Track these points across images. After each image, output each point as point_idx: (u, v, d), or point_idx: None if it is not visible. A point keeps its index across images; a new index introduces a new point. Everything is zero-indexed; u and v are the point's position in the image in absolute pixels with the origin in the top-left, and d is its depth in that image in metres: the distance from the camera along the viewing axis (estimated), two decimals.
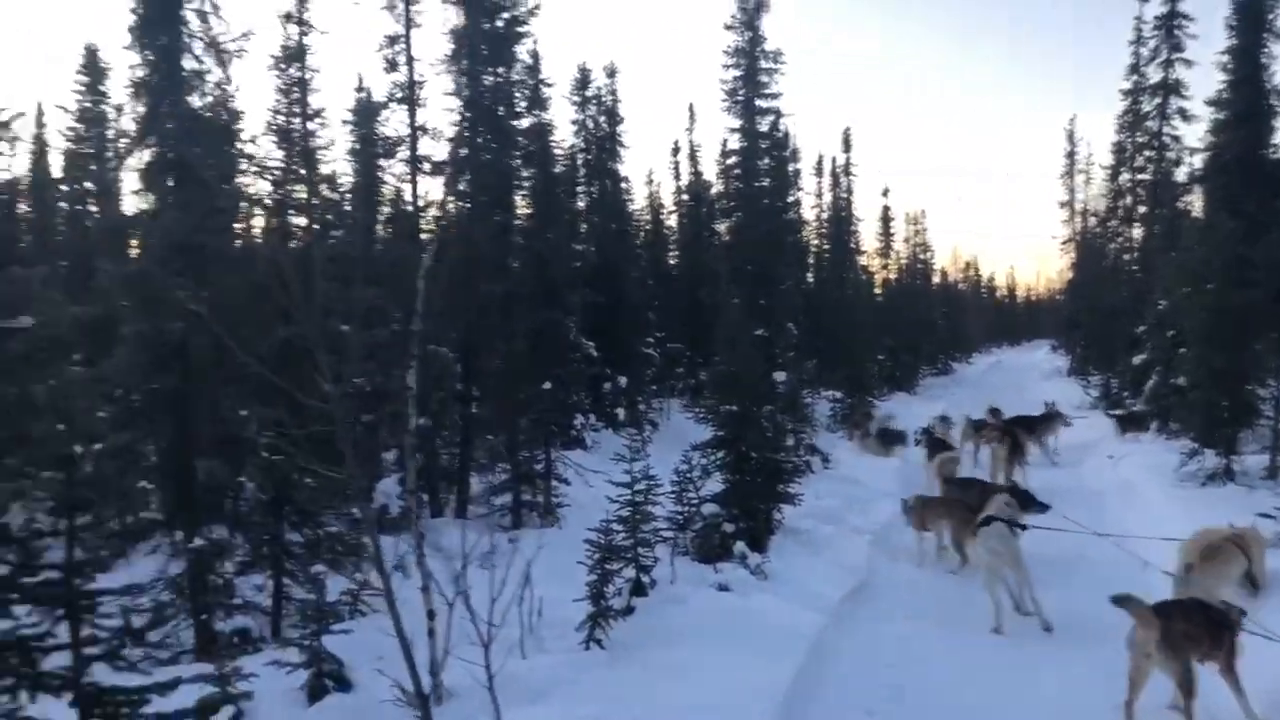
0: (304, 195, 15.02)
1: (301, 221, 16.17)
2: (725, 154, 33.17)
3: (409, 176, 18.02)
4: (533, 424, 18.35)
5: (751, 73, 27.01)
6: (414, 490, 9.68)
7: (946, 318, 62.38)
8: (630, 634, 10.55)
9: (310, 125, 17.50)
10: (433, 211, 19.44)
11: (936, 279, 69.96)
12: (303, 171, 17.87)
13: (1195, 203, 29.69)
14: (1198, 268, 20.78)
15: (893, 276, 55.17)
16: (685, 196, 38.64)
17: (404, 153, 18.09)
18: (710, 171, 38.15)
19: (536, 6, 17.96)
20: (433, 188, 19.09)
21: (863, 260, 49.96)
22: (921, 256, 61.84)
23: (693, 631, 10.59)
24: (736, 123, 28.16)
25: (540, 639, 10.52)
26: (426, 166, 17.84)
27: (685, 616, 11.02)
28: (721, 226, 35.94)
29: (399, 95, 17.72)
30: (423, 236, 18.19)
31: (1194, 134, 36.06)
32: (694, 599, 11.56)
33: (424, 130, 17.84)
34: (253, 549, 12.64)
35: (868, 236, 51.22)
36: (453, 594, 8.04)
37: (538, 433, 18.30)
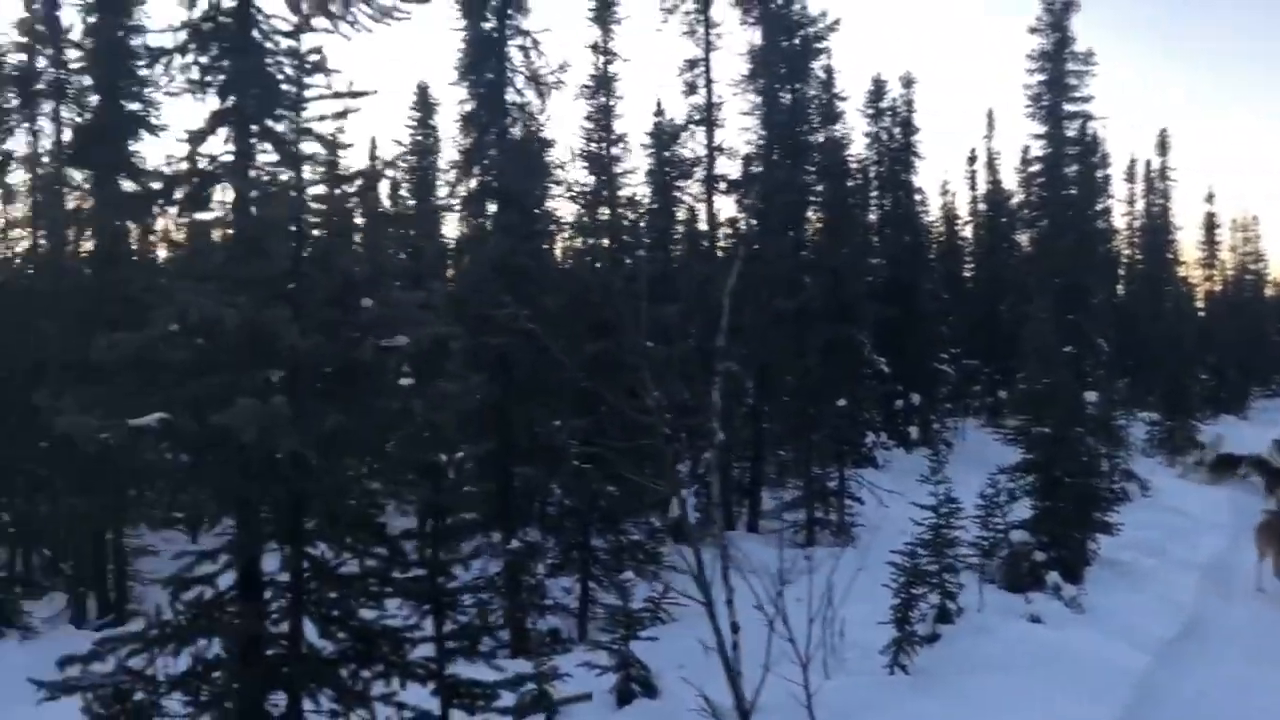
0: (609, 217, 15.67)
1: (605, 242, 16.85)
2: (1027, 161, 31.61)
3: (705, 196, 18.43)
4: (825, 441, 18.21)
5: (1057, 76, 25.57)
6: (719, 503, 9.84)
7: None
8: (935, 661, 10.24)
9: (613, 150, 18.25)
10: (725, 229, 19.81)
11: (1270, 290, 63.14)
12: (607, 194, 18.69)
13: None
14: None
15: (1217, 289, 50.39)
16: (982, 206, 37.21)
17: (701, 172, 18.52)
18: (1010, 180, 36.54)
19: (836, 22, 17.92)
20: (727, 206, 19.43)
21: (1181, 271, 46.03)
22: (1252, 266, 56.02)
23: (1002, 663, 10.13)
24: (1040, 129, 26.74)
25: (842, 659, 10.39)
26: (723, 185, 18.17)
27: (994, 647, 10.56)
28: (1022, 237, 34.27)
29: (697, 117, 18.16)
30: (718, 254, 18.53)
31: None
32: (1003, 629, 11.06)
33: (720, 150, 18.21)
34: (562, 553, 13.33)
35: (1187, 246, 47.08)
36: (757, 607, 8.10)
37: (830, 450, 18.14)
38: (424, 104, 24.84)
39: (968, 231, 37.72)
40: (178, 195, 5.28)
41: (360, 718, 4.93)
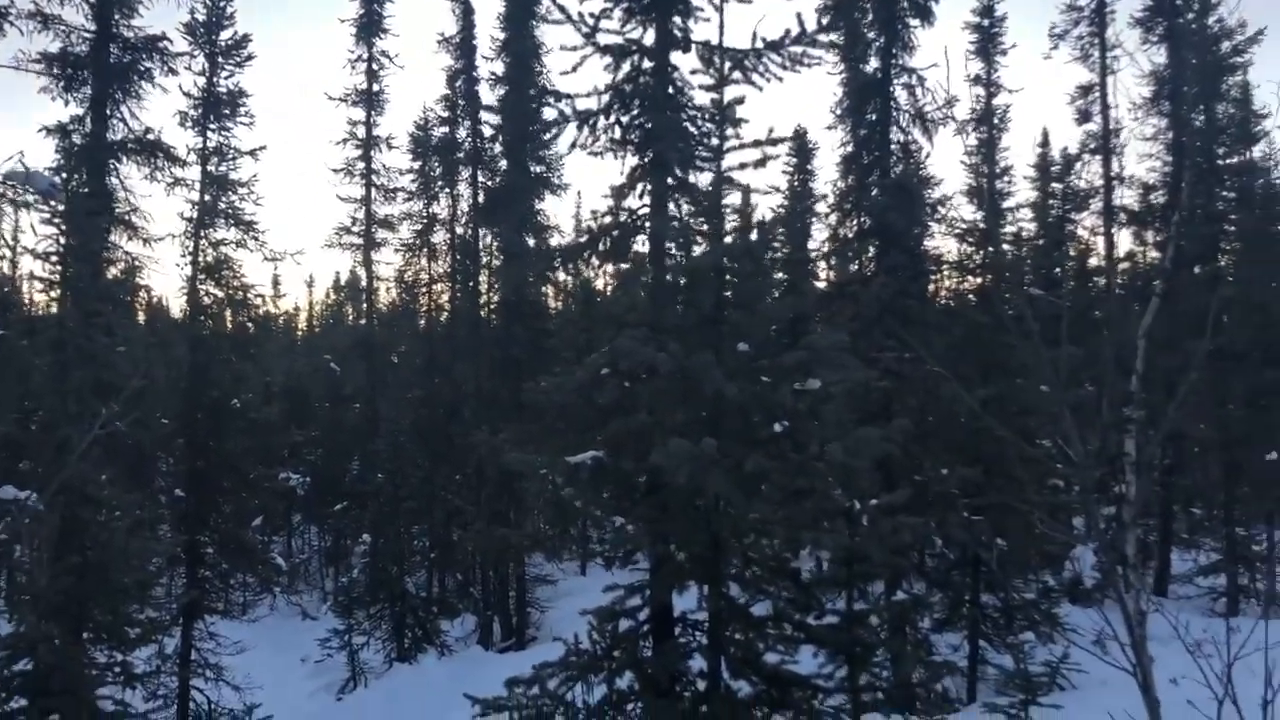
0: (994, 253, 14.97)
1: (988, 279, 16.12)
2: None
3: (1103, 228, 17.14)
4: (1250, 496, 16.18)
5: None
6: (1133, 564, 8.99)
7: None
8: None
9: (998, 183, 17.49)
10: (1124, 264, 18.31)
11: None
12: (990, 229, 17.91)
13: None
14: None
15: None
16: None
17: (1097, 204, 17.27)
18: None
19: (1260, 32, 16.12)
20: (1124, 238, 17.98)
21: None
22: None
23: None
24: None
25: None
26: (1123, 217, 16.82)
27: None
28: None
29: (1093, 145, 16.99)
30: (1117, 290, 17.15)
31: None
32: None
33: (1120, 179, 16.88)
34: (949, 607, 12.71)
35: None
36: (1172, 682, 7.23)
37: (1260, 508, 16.09)
38: (801, 149, 25.14)
39: None
40: (602, 247, 5.61)
41: None
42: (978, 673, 12.58)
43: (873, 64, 13.77)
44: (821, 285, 19.77)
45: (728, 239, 5.32)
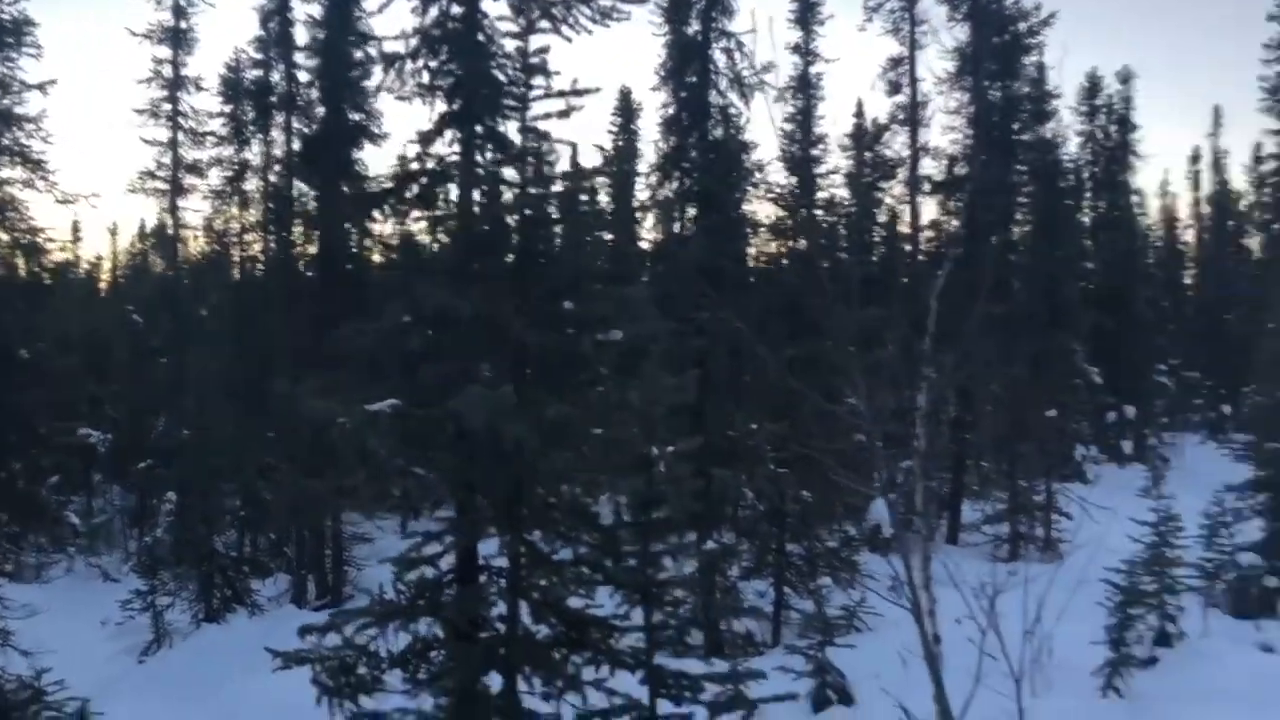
0: (807, 218, 15.56)
1: (803, 244, 16.74)
2: (1259, 159, 29.42)
3: (908, 197, 18.00)
4: (1031, 452, 17.47)
5: None
6: (924, 512, 9.58)
7: None
8: (1153, 687, 9.65)
9: (813, 151, 18.09)
10: (928, 232, 19.30)
11: None
12: (804, 195, 18.55)
13: None
14: None
15: None
16: (1206, 209, 34.86)
17: (904, 174, 18.11)
18: (1239, 180, 34.10)
19: (1051, 15, 17.17)
20: (929, 207, 18.93)
21: None
22: None
23: (1228, 694, 9.45)
24: (1276, 124, 24.86)
25: (1050, 679, 9.94)
26: (927, 187, 17.71)
27: (1219, 676, 9.86)
28: (1253, 241, 31.97)
29: (901, 117, 17.78)
30: (921, 257, 18.08)
31: None
32: (1229, 657, 10.32)
33: (925, 150, 17.76)
34: (756, 557, 13.29)
35: None
36: (958, 621, 7.83)
37: (1036, 462, 17.39)
38: (625, 109, 25.29)
39: (1189, 236, 35.46)
40: (408, 194, 5.56)
41: (571, 702, 5.07)
42: (781, 617, 13.22)
43: (694, 26, 13.96)
44: (644, 244, 19.99)
45: (535, 189, 5.37)
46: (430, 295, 4.74)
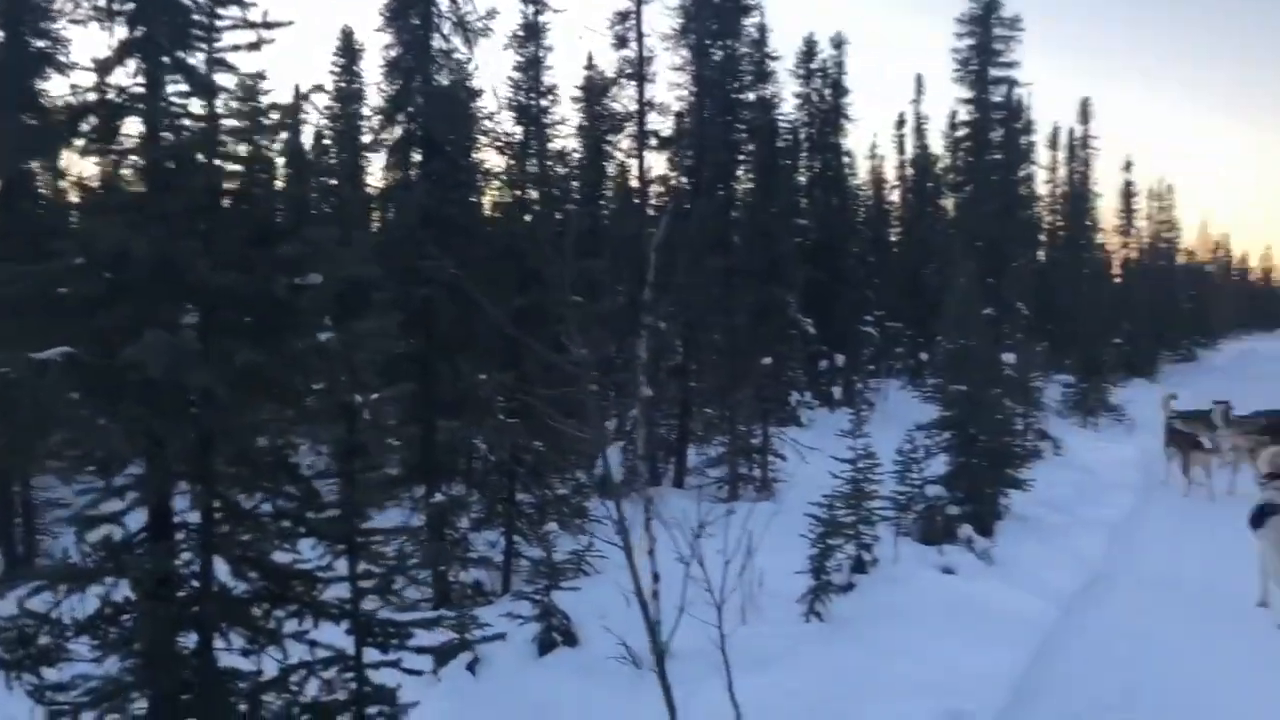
0: (537, 169, 15.56)
1: (534, 195, 16.73)
2: (954, 126, 32.06)
3: (636, 151, 18.35)
4: (750, 399, 18.43)
5: (985, 41, 25.95)
6: (645, 456, 9.94)
7: (1192, 300, 58.19)
8: (850, 610, 10.49)
9: (543, 102, 18.06)
10: (657, 186, 19.76)
11: (1181, 259, 65.24)
12: (536, 146, 18.52)
13: None
14: None
15: (1133, 256, 51.85)
16: (909, 171, 37.64)
17: (631, 128, 18.44)
18: (937, 145, 36.99)
19: None
20: (658, 162, 19.38)
21: (1100, 238, 47.23)
22: (1165, 235, 57.83)
23: (915, 612, 10.43)
24: (968, 93, 27.19)
25: (760, 608, 10.61)
26: (653, 141, 18.12)
27: (906, 596, 10.86)
28: (948, 202, 34.86)
29: (628, 71, 18.04)
30: (649, 211, 18.52)
31: None
32: (916, 580, 11.37)
33: (651, 105, 18.11)
34: (487, 507, 13.34)
35: (1106, 213, 48.35)
36: (678, 559, 8.21)
37: (755, 408, 18.37)
38: (348, 49, 24.32)
39: (895, 196, 38.16)
40: (84, 128, 5.11)
41: (273, 656, 4.92)
42: (511, 565, 13.36)
43: None
44: (370, 190, 19.34)
45: (228, 124, 5.06)
46: (103, 234, 4.39)
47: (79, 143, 5.22)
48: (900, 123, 37.61)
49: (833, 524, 10.65)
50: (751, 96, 20.49)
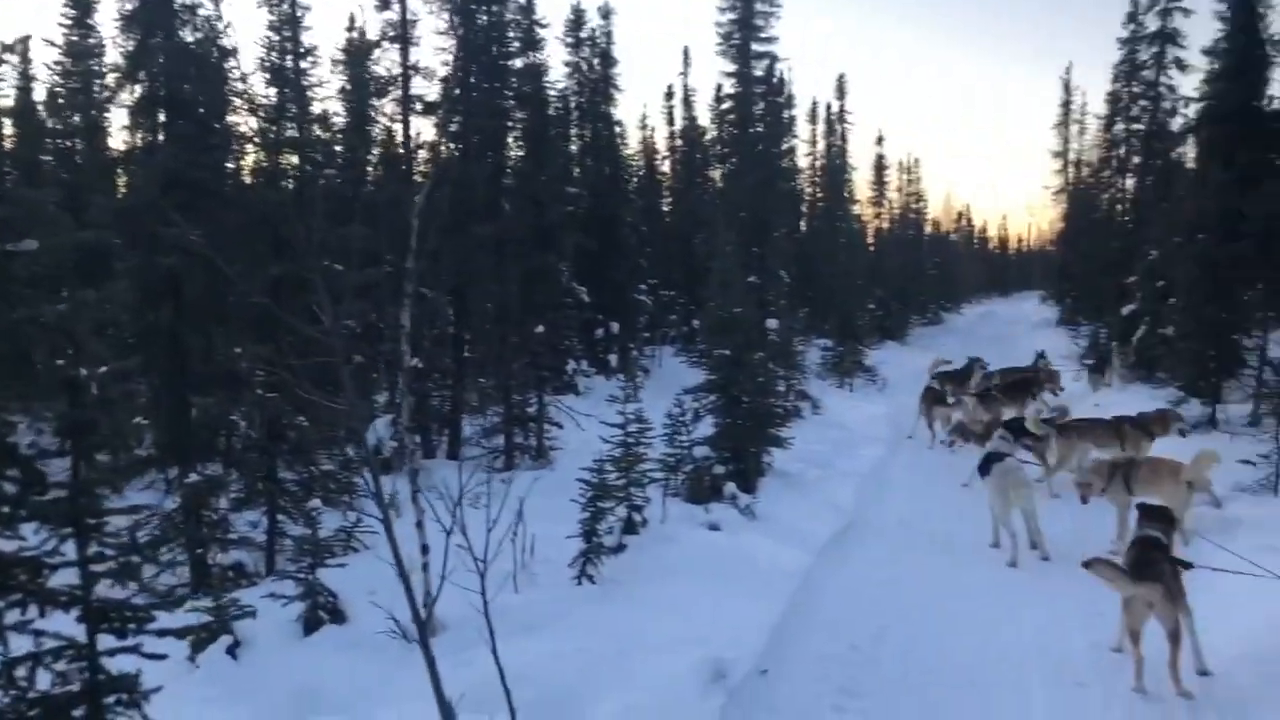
0: (296, 134, 14.88)
1: (294, 160, 16.05)
2: (720, 99, 32.95)
3: (401, 116, 17.89)
4: (525, 368, 18.45)
5: (747, 16, 26.72)
6: (409, 426, 9.77)
7: (938, 267, 62.43)
8: (621, 570, 10.73)
9: (302, 64, 17.31)
10: (424, 152, 19.37)
11: (929, 229, 69.92)
12: (294, 110, 17.75)
13: (1189, 154, 29.59)
14: (1189, 219, 20.88)
15: (885, 226, 55.12)
16: (679, 142, 38.43)
17: (396, 92, 17.94)
18: (704, 117, 37.93)
19: None
20: (425, 128, 19.00)
21: (856, 209, 49.88)
22: (914, 206, 61.82)
23: (683, 569, 10.78)
24: (731, 67, 27.95)
25: (533, 575, 10.69)
26: (419, 106, 17.71)
27: (675, 554, 11.20)
28: (715, 173, 35.84)
29: (391, 34, 17.53)
30: (416, 177, 18.12)
31: (1189, 84, 35.90)
32: (684, 538, 11.74)
33: (416, 70, 17.68)
34: (247, 486, 12.77)
35: (861, 185, 51.15)
36: (448, 529, 8.14)
37: (530, 376, 18.40)
38: (80, 2, 22.44)
39: (666, 166, 38.87)
40: None
41: None
42: (276, 545, 12.87)
43: None
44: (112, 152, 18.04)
45: None
46: None
47: None
48: (669, 94, 38.33)
49: (603, 488, 10.84)
50: (519, 63, 20.35)
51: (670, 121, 38.44)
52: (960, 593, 10.97)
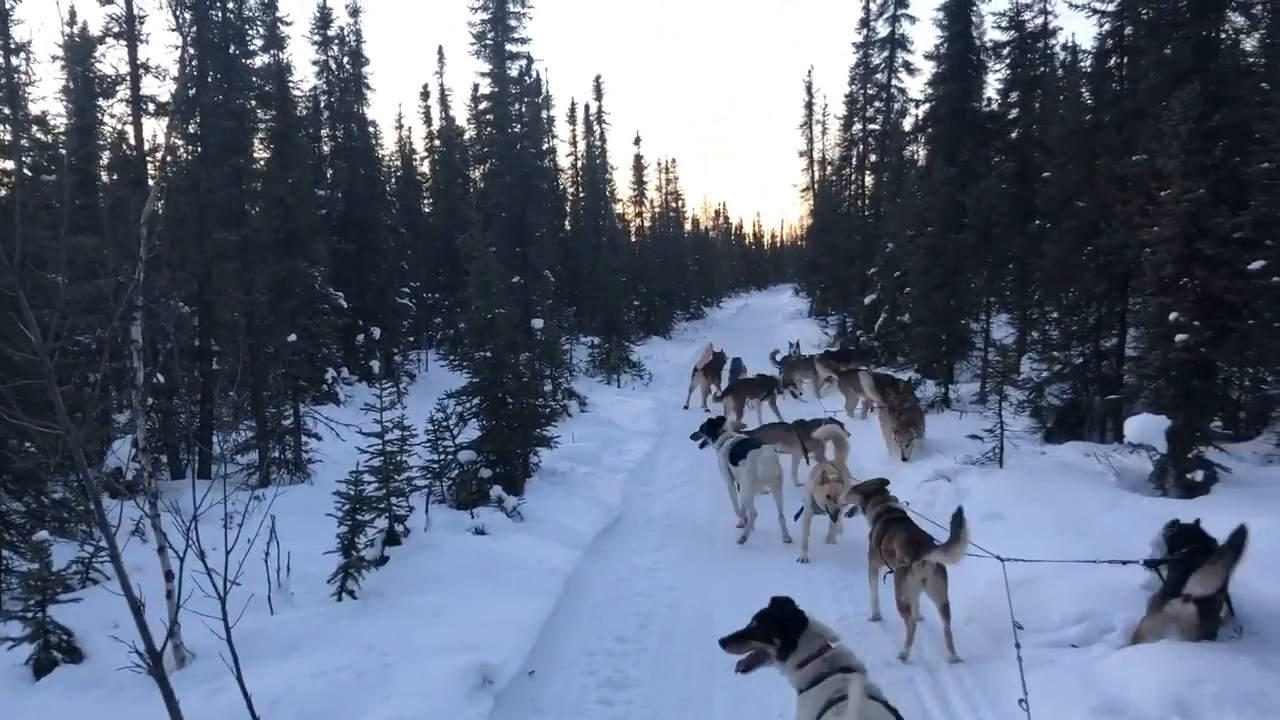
0: (7, 137, 13.68)
1: (8, 165, 14.78)
2: (477, 99, 32.85)
3: (131, 118, 16.73)
4: (279, 379, 17.71)
5: (500, 15, 26.68)
6: (146, 449, 9.18)
7: (698, 264, 64.50)
8: (384, 583, 10.49)
9: (14, 60, 15.98)
10: (160, 155, 18.23)
11: (688, 226, 72.22)
12: (6, 111, 16.37)
13: (919, 151, 31.88)
14: (919, 212, 22.50)
15: (647, 224, 56.45)
16: (437, 142, 37.95)
17: (125, 92, 16.77)
18: (462, 116, 37.62)
19: None
20: (161, 130, 17.89)
21: (618, 208, 50.81)
22: (674, 204, 63.66)
23: (448, 576, 10.66)
24: (486, 67, 27.86)
25: (290, 595, 10.31)
26: (151, 107, 16.60)
27: (440, 562, 11.05)
28: (475, 173, 35.61)
29: (117, 30, 16.37)
30: (151, 182, 17.01)
31: (917, 86, 38.82)
32: (449, 544, 11.60)
33: (147, 68, 16.55)
34: None
35: (622, 185, 52.14)
36: (181, 554, 7.71)
37: (285, 387, 17.69)
38: None
39: (426, 167, 38.30)
40: None
41: None
42: (2, 583, 11.79)
43: None
44: None
45: None
46: None
47: None
48: (425, 94, 37.77)
49: (361, 499, 10.55)
50: (261, 62, 19.53)
51: (428, 121, 37.94)
52: (721, 577, 11.41)
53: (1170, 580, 7.60)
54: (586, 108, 46.31)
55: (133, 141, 17.12)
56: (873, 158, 37.55)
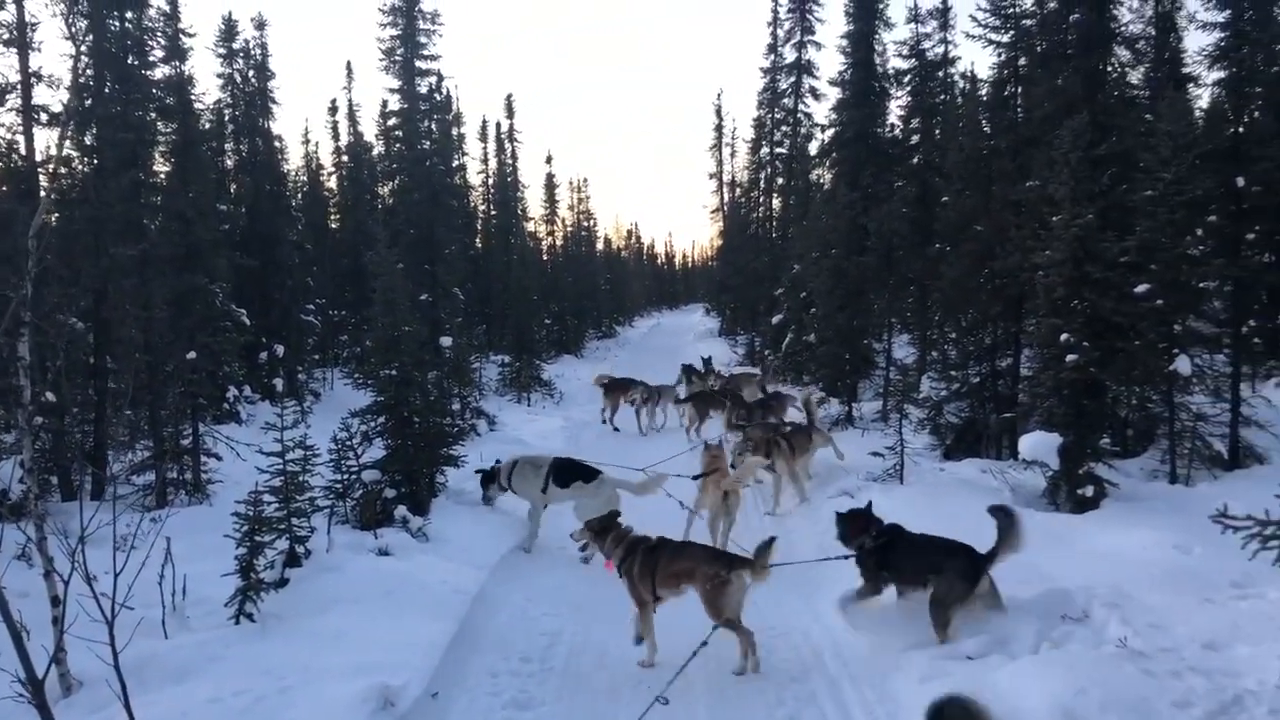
0: None
1: None
2: (386, 115, 32.58)
3: (22, 128, 16.20)
4: (178, 397, 17.26)
5: (410, 32, 26.55)
6: (32, 470, 8.87)
7: (610, 283, 64.71)
8: (284, 605, 10.27)
9: None
10: (52, 167, 17.66)
11: (601, 245, 72.45)
12: None
13: (826, 175, 32.55)
14: (823, 235, 22.97)
15: (559, 243, 56.44)
16: (345, 158, 37.49)
17: (15, 101, 16.22)
18: (371, 132, 37.27)
19: None
20: (54, 141, 17.32)
21: (530, 227, 50.74)
22: (586, 223, 63.80)
23: (350, 597, 10.49)
24: (396, 83, 27.67)
25: (186, 618, 10.04)
26: (44, 117, 16.10)
27: (343, 583, 10.88)
28: (384, 189, 35.27)
29: (7, 36, 15.84)
30: (43, 194, 16.47)
31: (822, 111, 39.67)
32: (352, 565, 11.42)
33: (39, 77, 16.05)
34: None
35: (534, 203, 52.19)
36: (66, 578, 7.48)
37: (184, 406, 17.25)
38: None
39: (333, 183, 37.80)
40: None
41: None
42: None
43: None
44: None
45: None
46: None
47: None
48: (333, 109, 37.37)
49: (260, 520, 10.33)
50: (162, 73, 19.09)
51: (335, 136, 37.50)
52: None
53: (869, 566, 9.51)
54: (498, 125, 46.28)
55: (24, 152, 16.55)
56: (780, 180, 38.20)
